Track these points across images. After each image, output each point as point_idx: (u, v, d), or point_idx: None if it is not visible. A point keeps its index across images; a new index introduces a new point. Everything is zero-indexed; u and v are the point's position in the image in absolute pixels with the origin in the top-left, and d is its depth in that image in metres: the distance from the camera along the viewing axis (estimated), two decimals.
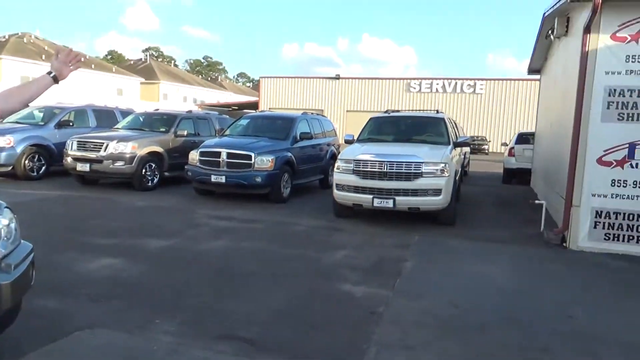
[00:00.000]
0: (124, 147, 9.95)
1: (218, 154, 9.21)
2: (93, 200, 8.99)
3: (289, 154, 9.72)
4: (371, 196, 7.33)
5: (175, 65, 75.83)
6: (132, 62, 59.52)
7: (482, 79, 42.68)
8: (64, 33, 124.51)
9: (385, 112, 10.00)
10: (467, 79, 42.77)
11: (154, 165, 10.45)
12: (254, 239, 6.55)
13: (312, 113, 12.41)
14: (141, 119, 12.20)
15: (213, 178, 9.10)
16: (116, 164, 9.83)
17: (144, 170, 10.20)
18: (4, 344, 3.19)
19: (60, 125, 11.80)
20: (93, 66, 43.87)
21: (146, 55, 60.51)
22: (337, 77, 42.82)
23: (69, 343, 3.36)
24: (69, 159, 10.20)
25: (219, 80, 74.52)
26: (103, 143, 10.00)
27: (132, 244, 5.98)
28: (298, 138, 10.24)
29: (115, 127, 11.93)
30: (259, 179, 8.95)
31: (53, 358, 3.14)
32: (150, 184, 10.37)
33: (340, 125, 41.28)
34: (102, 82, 43.37)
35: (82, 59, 2.61)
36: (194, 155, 9.52)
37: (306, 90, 44.05)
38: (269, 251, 5.96)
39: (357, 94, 42.34)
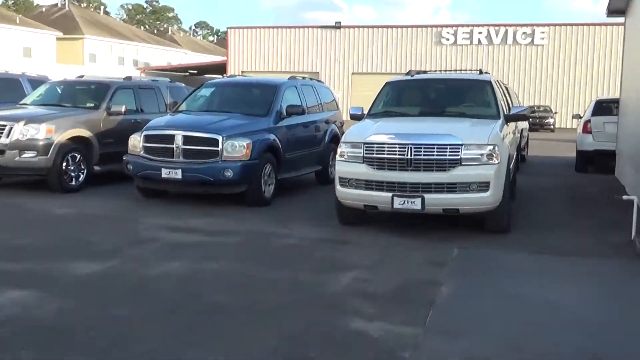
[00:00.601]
0: (34, 131, 9.95)
1: (171, 139, 9.24)
2: None
3: (272, 137, 9.76)
4: (390, 194, 7.37)
5: (107, 13, 75.64)
6: (43, 10, 59.33)
7: (544, 25, 42.96)
8: None
9: (407, 73, 10.08)
10: (522, 25, 43.00)
11: (78, 157, 10.47)
12: (224, 258, 6.53)
13: (303, 78, 12.45)
14: (59, 91, 12.24)
15: (164, 173, 9.12)
16: (24, 156, 9.84)
17: (64, 164, 10.22)
18: None
19: None
20: None
21: (63, 0, 60.26)
22: (338, 26, 42.88)
23: None
24: None
25: (170, 33, 74.42)
26: (4, 126, 10.01)
27: (50, 269, 5.95)
28: (284, 114, 10.30)
29: (22, 102, 11.96)
30: (229, 173, 8.97)
31: None
32: (74, 182, 10.41)
33: (344, 94, 41.42)
34: (2, 39, 43.13)
35: None
36: (136, 141, 9.55)
37: (294, 46, 43.84)
38: (247, 275, 5.96)
39: (366, 50, 42.34)
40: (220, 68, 45.97)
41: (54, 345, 4.23)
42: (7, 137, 9.92)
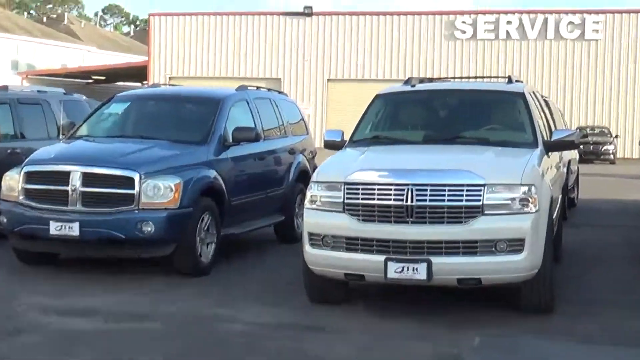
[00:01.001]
0: None
1: (64, 177, 9.17)
2: None
3: (212, 174, 9.79)
4: (382, 257, 7.34)
5: None
6: None
7: (598, 11, 43.86)
8: None
9: (407, 82, 10.17)
10: (567, 12, 43.87)
11: None
12: (141, 355, 6.44)
13: (257, 88, 12.60)
14: None
15: (54, 228, 9.02)
16: None
17: None
18: None
19: None
20: None
21: None
22: (309, 13, 43.08)
23: None
24: None
25: (66, 22, 74.34)
26: None
27: None
28: (229, 140, 10.34)
29: None
30: (149, 228, 8.92)
31: None
32: None
33: (317, 110, 41.37)
34: None
35: None
36: (13, 181, 9.48)
37: (244, 41, 43.69)
38: None
39: (348, 47, 42.40)
40: (139, 73, 45.98)
41: None
42: None
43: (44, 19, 76.70)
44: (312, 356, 6.53)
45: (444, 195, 7.32)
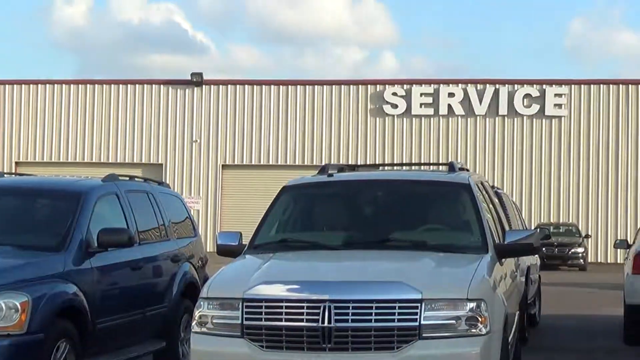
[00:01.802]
0: None
1: None
2: None
3: (72, 289, 9.52)
4: None
5: None
6: None
7: (562, 82, 44.84)
8: None
9: (322, 171, 10.22)
10: (524, 82, 44.64)
11: None
12: None
13: (131, 178, 12.51)
14: None
15: None
16: None
17: None
18: None
19: None
20: None
21: None
22: (198, 82, 42.68)
23: None
24: None
25: None
26: None
27: None
28: (94, 245, 10.13)
29: None
30: None
31: None
32: None
33: (209, 203, 40.83)
34: None
35: None
36: None
37: (117, 117, 42.95)
38: None
39: (248, 125, 42.02)
40: None
41: None
42: None
43: None
44: None
45: (370, 314, 7.19)
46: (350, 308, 7.17)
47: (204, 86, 43.23)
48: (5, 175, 12.88)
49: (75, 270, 9.67)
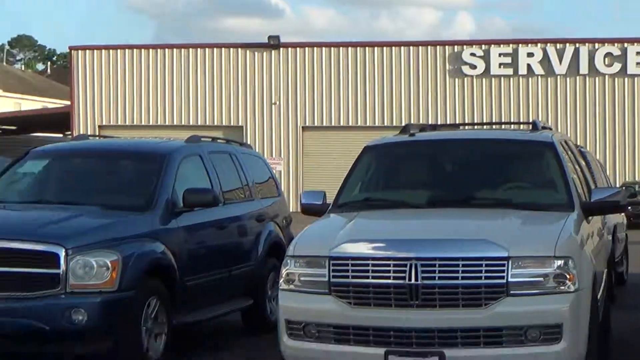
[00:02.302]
0: None
1: None
2: None
3: (159, 248, 9.27)
4: (382, 350, 6.88)
5: None
6: None
7: None
8: None
9: (404, 130, 9.81)
10: (605, 41, 42.94)
11: None
12: None
13: (213, 139, 12.25)
14: None
15: None
16: None
17: None
18: None
19: None
20: None
21: None
22: (275, 45, 41.80)
23: None
24: None
25: None
26: None
27: None
28: (179, 205, 9.87)
29: None
30: (80, 317, 8.25)
31: None
32: None
33: (290, 165, 40.06)
34: None
35: None
36: None
37: (194, 80, 42.41)
38: None
39: (327, 86, 41.35)
40: (60, 121, 44.52)
41: None
42: None
43: None
44: None
45: (457, 271, 6.78)
46: (437, 266, 6.81)
47: (281, 49, 42.21)
48: (90, 138, 12.54)
49: (162, 229, 9.44)
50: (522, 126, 9.14)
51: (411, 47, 42.23)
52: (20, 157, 11.08)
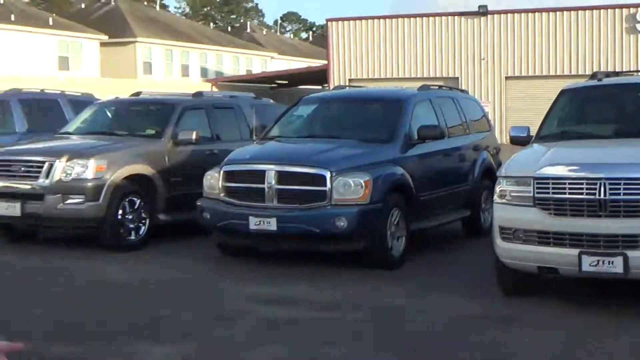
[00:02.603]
0: (81, 169, 10.47)
1: (260, 176, 9.45)
2: (31, 272, 9.48)
3: (400, 171, 9.81)
4: (576, 251, 7.22)
5: (163, 7, 78.54)
6: (83, 6, 62.16)
7: None
8: None
9: (593, 77, 9.96)
10: None
11: (138, 202, 10.87)
12: (341, 343, 6.55)
13: (439, 87, 12.59)
14: (109, 114, 12.85)
15: (253, 223, 9.29)
16: (69, 202, 10.33)
17: (120, 212, 10.61)
18: None
19: None
20: (13, 17, 46.07)
21: None
22: (484, 12, 42.26)
23: None
24: None
25: (249, 30, 76.36)
26: (42, 163, 10.57)
27: (113, 353, 6.21)
28: (415, 138, 10.35)
29: (63, 130, 12.61)
30: (342, 223, 9.02)
31: None
32: (133, 236, 10.81)
33: (495, 107, 40.49)
34: (30, 47, 45.28)
35: None
36: (213, 180, 9.79)
37: (420, 42, 43.24)
38: None
39: (525, 44, 41.12)
40: (320, 76, 46.53)
41: None
42: (47, 177, 10.44)
43: (229, 28, 79.01)
44: (509, 349, 6.47)
45: (638, 189, 7.16)
46: (622, 185, 7.14)
47: (488, 15, 42.44)
48: (346, 88, 13.47)
49: (401, 157, 9.96)
50: None
51: (594, 11, 40.90)
52: (294, 103, 11.83)
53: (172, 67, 55.82)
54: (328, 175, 9.17)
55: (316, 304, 7.90)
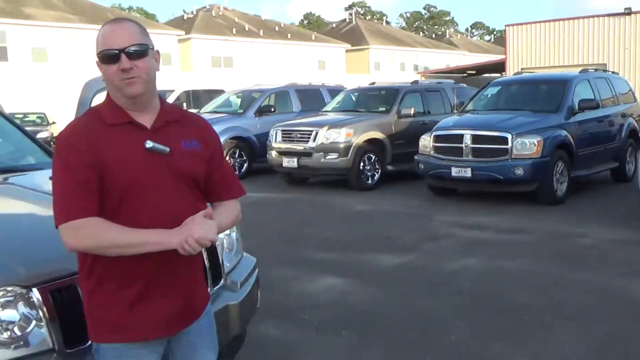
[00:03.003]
0: (336, 135, 10.76)
1: (459, 138, 9.27)
2: (303, 204, 9.93)
3: (563, 133, 9.31)
4: None
5: (388, 23, 78.68)
6: (333, 26, 63.74)
7: None
8: (251, 0, 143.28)
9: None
10: None
11: (373, 157, 11.05)
12: (519, 256, 6.36)
13: (595, 70, 11.70)
14: (353, 98, 13.03)
15: (454, 172, 9.17)
16: (328, 157, 10.68)
17: (361, 164, 10.85)
18: None
19: (261, 112, 13.30)
20: (289, 35, 48.34)
21: (350, 15, 64.19)
22: (628, 12, 38.71)
23: None
24: (274, 153, 11.45)
25: (447, 36, 74.74)
26: (311, 131, 10.92)
27: (357, 260, 6.37)
28: (576, 109, 9.74)
29: (324, 110, 12.95)
30: (519, 171, 8.71)
31: None
32: (369, 181, 11.00)
33: (636, 85, 37.17)
34: (300, 55, 47.44)
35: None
36: (426, 142, 9.74)
37: (577, 38, 40.62)
38: (547, 275, 5.72)
39: None
40: (498, 67, 44.49)
41: (369, 331, 4.50)
42: (314, 141, 10.84)
43: (433, 36, 77.86)
44: None
45: None
46: None
47: (632, 15, 38.46)
48: (521, 74, 12.85)
49: (565, 123, 9.41)
50: None
51: None
52: (483, 86, 11.51)
53: (394, 65, 55.97)
54: (510, 136, 8.85)
55: (500, 229, 7.67)
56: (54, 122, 23.27)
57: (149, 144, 1.99)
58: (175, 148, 2.04)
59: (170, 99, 15.71)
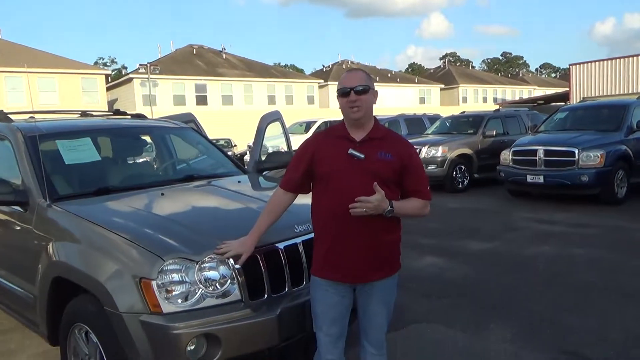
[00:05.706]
0: (435, 151, 10.41)
1: (534, 152, 8.61)
2: None
3: (624, 148, 8.37)
4: None
5: (473, 67, 75.51)
6: (431, 71, 62.31)
7: None
8: (370, 55, 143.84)
9: None
10: None
11: (463, 168, 10.58)
12: (586, 245, 5.80)
13: None
14: (448, 124, 12.53)
15: (529, 178, 8.55)
16: (429, 168, 10.29)
17: (454, 173, 10.43)
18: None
19: None
20: (398, 80, 47.98)
21: (444, 62, 62.34)
22: None
23: (407, 333, 3.62)
24: None
25: (520, 75, 70.27)
26: (417, 149, 10.63)
27: (452, 245, 6.12)
28: (634, 128, 8.72)
29: (425, 132, 12.57)
30: (585, 178, 7.96)
31: (395, 344, 3.42)
32: (460, 185, 10.53)
33: None
34: (406, 94, 46.91)
35: None
36: (506, 155, 9.16)
37: (629, 72, 36.72)
38: (610, 261, 5.16)
39: None
40: (563, 97, 41.00)
41: (462, 298, 4.31)
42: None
43: (509, 75, 73.56)
44: None
45: None
46: None
47: None
48: (587, 101, 11.63)
49: (625, 139, 8.50)
50: None
51: None
52: (554, 111, 10.47)
53: (477, 99, 53.50)
54: (576, 151, 8.10)
55: (568, 223, 7.03)
56: (235, 145, 24.69)
57: (350, 151, 2.19)
58: (372, 156, 2.19)
59: (314, 127, 16.08)
